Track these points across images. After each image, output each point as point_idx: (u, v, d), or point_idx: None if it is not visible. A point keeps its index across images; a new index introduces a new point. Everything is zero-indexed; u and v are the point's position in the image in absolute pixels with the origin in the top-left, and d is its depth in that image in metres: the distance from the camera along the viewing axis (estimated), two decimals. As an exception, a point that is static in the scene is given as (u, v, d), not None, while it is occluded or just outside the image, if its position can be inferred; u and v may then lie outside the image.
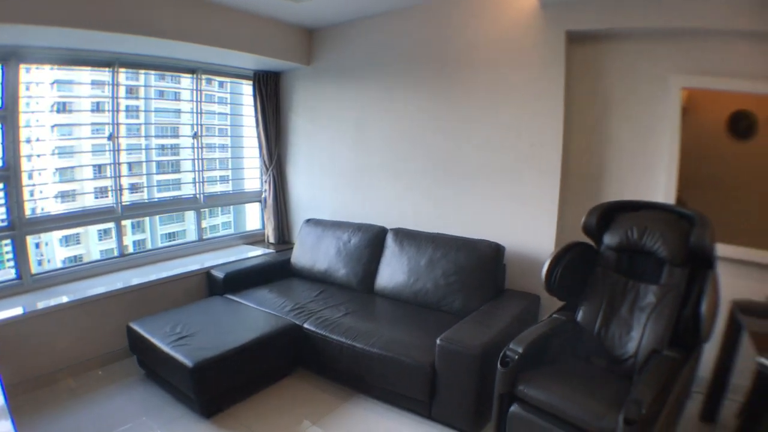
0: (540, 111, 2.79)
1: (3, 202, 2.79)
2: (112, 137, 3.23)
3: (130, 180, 3.55)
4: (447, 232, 3.12)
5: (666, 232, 2.07)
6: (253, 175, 4.36)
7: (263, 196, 4.23)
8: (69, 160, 3.57)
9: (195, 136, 3.79)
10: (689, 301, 1.95)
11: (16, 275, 2.86)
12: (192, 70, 3.66)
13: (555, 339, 2.13)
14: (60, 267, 3.18)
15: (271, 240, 4.22)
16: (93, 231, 5.03)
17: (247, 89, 4.11)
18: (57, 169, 3.47)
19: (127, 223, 4.09)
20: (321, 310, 2.91)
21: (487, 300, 2.75)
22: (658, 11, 2.40)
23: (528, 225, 2.91)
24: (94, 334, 2.85)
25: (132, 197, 3.58)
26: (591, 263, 2.30)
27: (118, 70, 3.19)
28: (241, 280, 3.33)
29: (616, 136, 2.74)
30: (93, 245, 5.19)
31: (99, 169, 3.52)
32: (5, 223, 2.80)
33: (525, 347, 1.94)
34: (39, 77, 3.02)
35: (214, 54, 3.41)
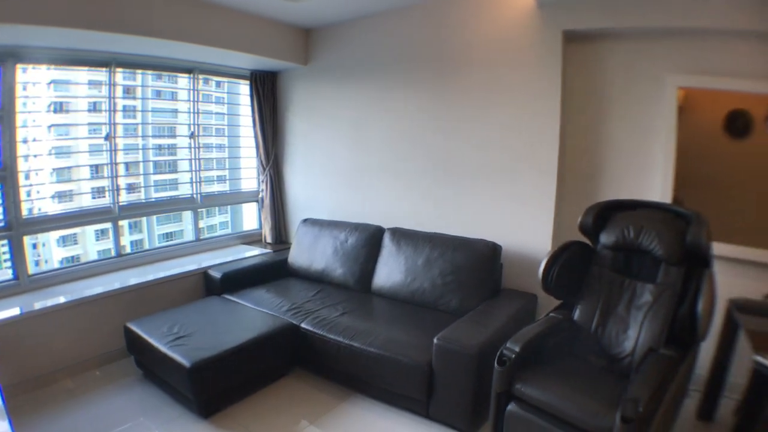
0: (537, 111, 2.80)
1: (0, 202, 2.78)
2: (109, 137, 3.23)
3: (127, 180, 3.55)
4: (447, 232, 3.12)
5: (662, 230, 2.07)
6: (251, 175, 4.36)
7: (260, 195, 4.23)
8: (66, 160, 3.57)
9: (192, 136, 3.78)
10: (686, 300, 1.96)
11: (13, 276, 2.85)
12: (189, 69, 3.66)
13: (552, 338, 2.13)
14: (57, 267, 3.17)
15: (269, 240, 4.21)
16: (90, 231, 5.02)
17: (244, 89, 4.10)
18: (54, 170, 3.46)
19: (125, 223, 4.09)
20: (318, 309, 2.91)
21: (484, 299, 2.75)
22: (654, 11, 2.40)
23: (525, 224, 2.92)
24: (91, 334, 2.84)
25: (129, 197, 3.57)
26: (588, 262, 2.31)
27: (115, 70, 3.18)
28: (239, 280, 3.33)
29: (612, 135, 2.75)
30: (90, 245, 5.18)
31: (96, 169, 3.52)
32: (2, 224, 2.79)
33: (522, 346, 1.94)
34: (36, 77, 3.03)
35: (211, 54, 3.41)
